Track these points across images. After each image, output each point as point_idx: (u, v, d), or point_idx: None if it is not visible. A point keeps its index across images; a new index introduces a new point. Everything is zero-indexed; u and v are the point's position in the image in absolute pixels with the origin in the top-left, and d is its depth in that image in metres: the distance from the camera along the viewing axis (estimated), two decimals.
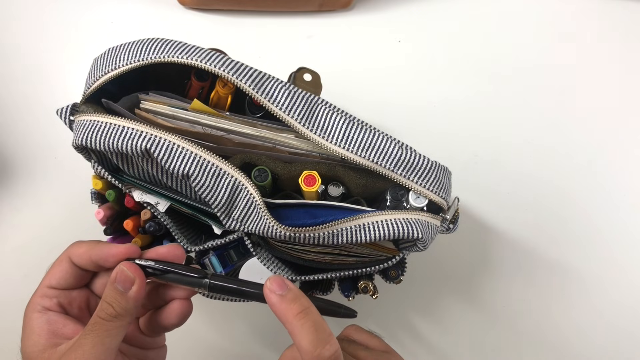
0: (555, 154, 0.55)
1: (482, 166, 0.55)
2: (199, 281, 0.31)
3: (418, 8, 0.58)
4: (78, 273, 0.32)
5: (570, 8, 0.58)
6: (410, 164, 0.36)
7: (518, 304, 0.54)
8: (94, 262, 0.31)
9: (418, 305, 0.55)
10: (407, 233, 0.35)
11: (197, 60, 0.34)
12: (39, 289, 0.32)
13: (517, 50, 0.57)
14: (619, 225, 0.55)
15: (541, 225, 0.55)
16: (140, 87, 0.39)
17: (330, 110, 0.36)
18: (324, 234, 0.35)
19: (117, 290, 0.29)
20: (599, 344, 0.54)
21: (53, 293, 0.31)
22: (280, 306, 0.28)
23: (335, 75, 0.48)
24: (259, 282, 0.31)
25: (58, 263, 0.32)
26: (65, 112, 0.38)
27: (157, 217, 0.40)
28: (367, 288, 0.41)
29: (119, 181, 0.39)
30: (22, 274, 0.55)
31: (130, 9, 0.58)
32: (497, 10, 0.58)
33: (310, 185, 0.36)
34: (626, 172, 0.55)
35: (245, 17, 0.58)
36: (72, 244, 0.32)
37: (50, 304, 0.31)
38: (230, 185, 0.36)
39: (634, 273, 0.54)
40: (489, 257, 0.55)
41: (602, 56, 0.57)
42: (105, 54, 0.37)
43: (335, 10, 0.58)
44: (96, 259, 0.31)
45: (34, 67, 0.57)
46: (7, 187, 0.55)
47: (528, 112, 0.56)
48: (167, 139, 0.35)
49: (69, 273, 0.31)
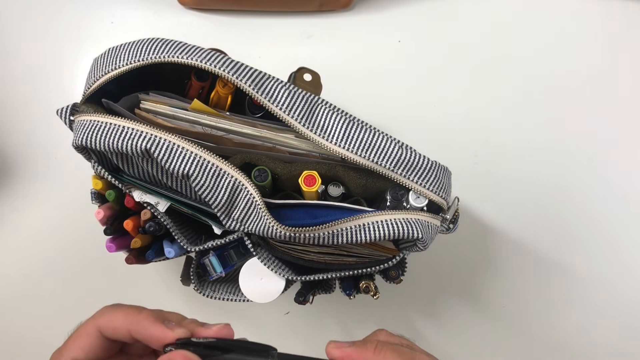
0: (556, 154, 0.55)
1: (482, 166, 0.55)
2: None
3: (418, 8, 0.58)
4: (109, 345, 0.28)
5: (571, 8, 0.58)
6: (410, 164, 0.36)
7: (518, 304, 0.54)
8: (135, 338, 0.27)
9: (418, 305, 0.55)
10: (407, 233, 0.35)
11: (197, 60, 0.34)
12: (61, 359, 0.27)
13: (517, 50, 0.57)
14: (619, 224, 0.54)
15: (541, 225, 0.55)
16: (140, 87, 0.39)
17: (330, 110, 0.36)
18: (324, 234, 0.35)
19: None
20: (599, 344, 0.54)
21: None
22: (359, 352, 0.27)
23: (335, 75, 0.48)
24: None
25: (85, 334, 0.27)
26: (65, 112, 0.38)
27: (157, 217, 0.40)
28: (369, 288, 0.41)
29: (119, 181, 0.39)
30: (22, 274, 0.55)
31: (130, 9, 0.58)
32: (497, 10, 0.58)
33: (310, 185, 0.36)
34: (626, 172, 0.55)
35: (245, 17, 0.58)
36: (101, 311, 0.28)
37: None
38: (230, 185, 0.36)
39: (634, 273, 0.54)
40: (489, 257, 0.55)
41: (602, 56, 0.57)
42: (105, 54, 0.37)
43: (335, 10, 0.58)
44: (142, 338, 0.26)
45: (34, 67, 0.57)
46: (7, 187, 0.55)
47: (528, 112, 0.56)
48: (167, 139, 0.35)
49: (99, 347, 0.27)
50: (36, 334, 0.54)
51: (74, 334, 0.28)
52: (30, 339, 0.54)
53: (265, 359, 0.26)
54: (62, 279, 0.55)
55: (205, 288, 0.43)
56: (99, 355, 0.27)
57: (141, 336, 0.26)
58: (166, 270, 0.55)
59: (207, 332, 0.27)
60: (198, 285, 0.43)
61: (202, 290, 0.43)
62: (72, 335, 0.28)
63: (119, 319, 0.27)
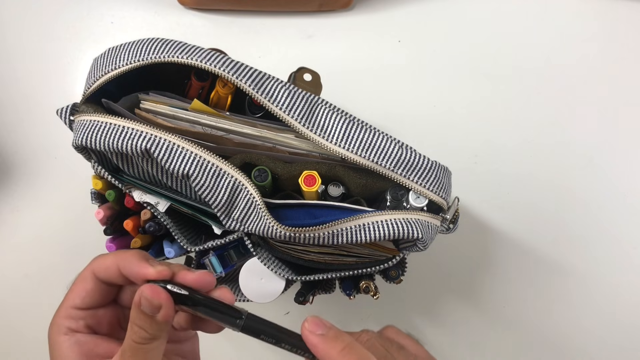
0: (555, 154, 0.55)
1: (482, 166, 0.55)
2: (232, 320, 0.28)
3: (418, 8, 0.58)
4: (104, 289, 0.29)
5: (571, 8, 0.58)
6: (410, 164, 0.35)
7: (518, 304, 0.54)
8: (124, 275, 0.28)
9: (418, 305, 0.55)
10: (407, 233, 0.35)
11: (197, 60, 0.34)
12: (61, 309, 0.29)
13: (517, 50, 0.57)
14: (619, 224, 0.54)
15: (541, 225, 0.55)
16: (140, 87, 0.39)
17: (330, 110, 0.36)
18: (324, 234, 0.35)
19: (144, 314, 0.26)
20: (599, 343, 0.54)
21: (79, 314, 0.29)
22: (323, 346, 0.27)
23: (335, 75, 0.48)
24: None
25: (81, 280, 0.29)
26: (65, 112, 0.38)
27: (157, 217, 0.40)
28: (369, 288, 0.41)
29: (119, 181, 0.39)
30: (22, 274, 0.55)
31: (130, 9, 0.58)
32: (497, 10, 0.58)
33: (310, 185, 0.36)
34: (626, 171, 0.55)
35: (245, 17, 0.58)
36: (94, 258, 0.29)
37: (77, 326, 0.28)
38: (230, 186, 0.36)
39: (634, 272, 0.54)
40: (489, 257, 0.55)
41: (602, 56, 0.57)
42: (105, 54, 0.37)
43: (335, 10, 0.58)
44: (127, 273, 0.28)
45: (34, 67, 0.57)
46: (7, 187, 0.55)
47: (528, 112, 0.56)
48: (167, 139, 0.35)
49: (95, 290, 0.29)
50: (36, 334, 0.54)
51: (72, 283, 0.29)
52: (30, 339, 0.54)
53: (234, 317, 0.27)
54: (62, 279, 0.54)
55: None
56: (95, 299, 0.29)
57: (127, 271, 0.28)
58: None
59: (190, 276, 0.28)
60: None
61: None
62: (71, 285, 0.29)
63: (110, 258, 0.28)
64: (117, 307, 0.31)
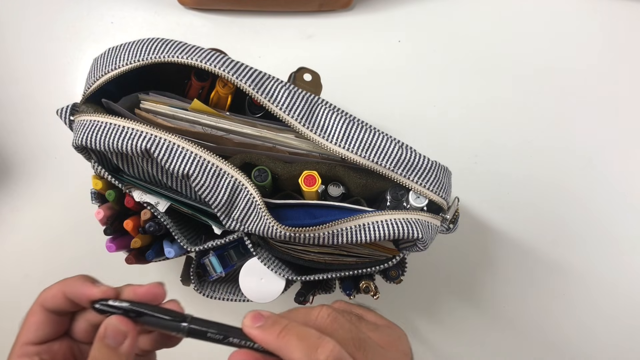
0: (555, 154, 0.55)
1: (482, 166, 0.55)
2: (177, 325, 0.27)
3: (418, 8, 0.58)
4: (55, 320, 0.29)
5: (571, 8, 0.58)
6: (410, 164, 0.36)
7: (518, 304, 0.54)
8: (70, 299, 0.28)
9: (418, 304, 0.55)
10: (407, 233, 0.35)
11: (197, 60, 0.34)
12: (15, 347, 0.28)
13: (517, 50, 0.57)
14: (619, 224, 0.54)
15: (541, 225, 0.55)
16: (140, 87, 0.39)
17: (330, 110, 0.36)
18: (324, 234, 0.35)
19: (108, 347, 0.26)
20: (599, 343, 0.54)
21: (33, 350, 0.28)
22: (262, 336, 0.27)
23: (336, 75, 0.48)
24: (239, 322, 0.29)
25: (31, 314, 0.29)
26: (65, 112, 0.38)
27: (157, 217, 0.40)
28: (369, 288, 0.41)
29: (119, 181, 0.39)
30: (22, 274, 0.55)
31: (130, 8, 0.58)
32: (497, 10, 0.58)
33: (310, 185, 0.36)
34: (625, 172, 0.55)
35: (245, 17, 0.58)
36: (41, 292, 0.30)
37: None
38: (230, 186, 0.36)
39: (634, 272, 0.54)
40: (489, 257, 0.55)
41: (602, 56, 0.57)
42: (105, 54, 0.37)
43: (335, 10, 0.58)
44: (72, 295, 0.28)
45: (33, 67, 0.57)
46: (7, 187, 0.55)
47: (528, 112, 0.56)
48: (167, 139, 0.35)
49: (46, 322, 0.29)
50: None
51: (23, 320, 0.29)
52: None
53: (177, 322, 0.27)
54: (62, 279, 0.55)
55: (205, 288, 0.43)
56: (47, 331, 0.29)
57: (72, 294, 0.28)
58: (166, 270, 0.55)
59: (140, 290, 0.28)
60: (198, 285, 0.43)
61: (202, 290, 0.43)
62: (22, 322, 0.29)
63: (55, 287, 0.29)
64: (70, 340, 0.30)
